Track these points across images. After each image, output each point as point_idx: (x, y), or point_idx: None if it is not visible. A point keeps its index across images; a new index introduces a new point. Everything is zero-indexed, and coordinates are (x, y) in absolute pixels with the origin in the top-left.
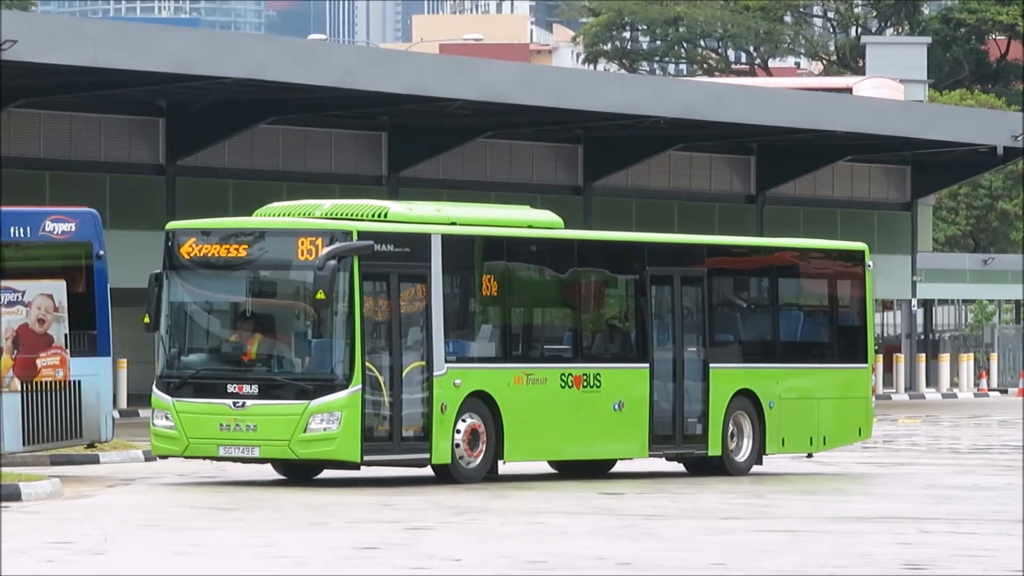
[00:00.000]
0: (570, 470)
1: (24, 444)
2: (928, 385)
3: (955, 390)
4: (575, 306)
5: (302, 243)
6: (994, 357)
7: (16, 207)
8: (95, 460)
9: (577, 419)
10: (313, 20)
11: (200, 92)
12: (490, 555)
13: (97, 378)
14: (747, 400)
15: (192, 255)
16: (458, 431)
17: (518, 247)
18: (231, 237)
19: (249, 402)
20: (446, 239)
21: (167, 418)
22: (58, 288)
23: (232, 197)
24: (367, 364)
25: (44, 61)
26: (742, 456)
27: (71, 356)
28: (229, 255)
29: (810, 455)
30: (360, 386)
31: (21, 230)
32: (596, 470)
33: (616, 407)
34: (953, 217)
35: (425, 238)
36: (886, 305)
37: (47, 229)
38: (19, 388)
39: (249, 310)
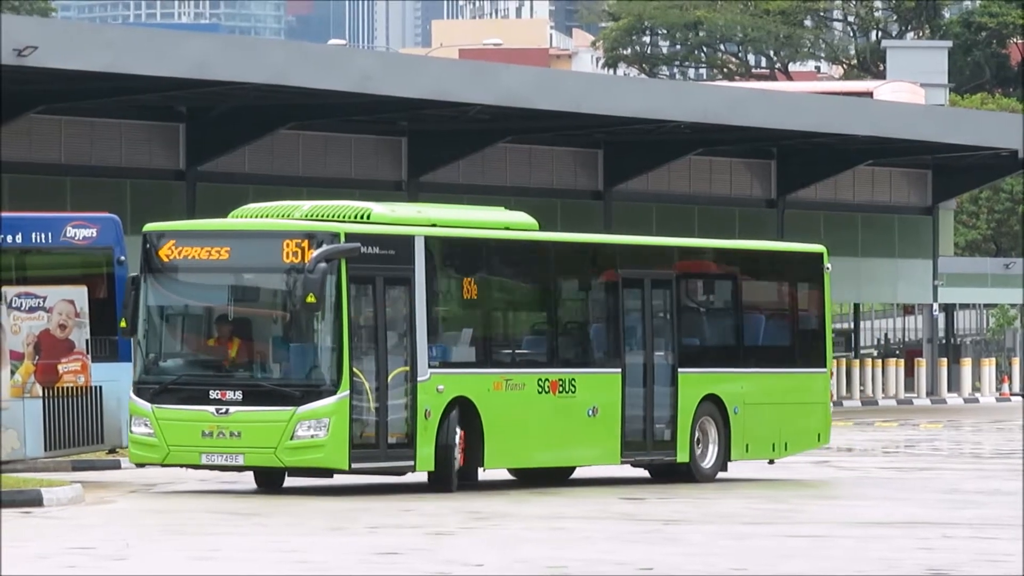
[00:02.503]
0: (528, 477)
1: (46, 449)
2: (950, 390)
3: (977, 395)
4: (551, 309)
5: (287, 245)
6: (1016, 361)
7: (37, 213)
8: (116, 466)
9: (554, 425)
10: (332, 25)
11: (220, 97)
12: (511, 560)
13: (118, 383)
14: (713, 405)
15: (171, 257)
16: (448, 437)
17: (498, 249)
18: (211, 239)
19: (232, 408)
20: (429, 241)
21: (146, 425)
22: (79, 294)
23: (252, 202)
24: (354, 369)
25: (64, 67)
26: (708, 462)
27: (92, 361)
28: (210, 257)
29: (771, 461)
30: (348, 392)
31: (42, 236)
32: (556, 477)
33: (590, 413)
34: (974, 221)
35: (408, 240)
36: (907, 309)
37: (68, 235)
38: (41, 394)
39: (231, 314)
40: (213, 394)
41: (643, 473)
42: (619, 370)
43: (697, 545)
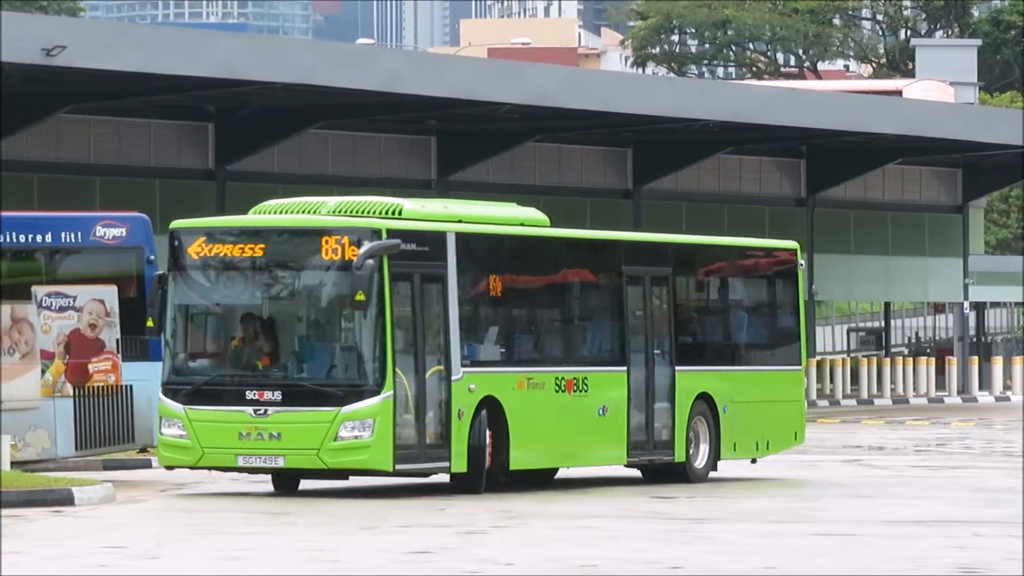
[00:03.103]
0: (514, 477)
1: (77, 449)
2: (981, 388)
3: (1008, 393)
4: (566, 306)
5: (327, 241)
6: None
7: (67, 212)
8: (147, 465)
9: (570, 425)
10: (361, 24)
11: (249, 97)
12: (541, 559)
13: (149, 383)
14: (704, 404)
15: (201, 255)
16: (479, 438)
17: (522, 246)
18: (246, 236)
19: (271, 409)
20: (459, 237)
21: (178, 427)
22: (109, 293)
23: None
24: (396, 369)
25: (94, 67)
26: (700, 462)
27: (123, 361)
28: (244, 255)
29: (754, 460)
30: (391, 392)
31: (72, 235)
32: (541, 478)
33: (600, 412)
34: (1004, 220)
35: (441, 236)
36: (938, 308)
37: (98, 234)
38: (71, 393)
39: (266, 312)
40: (250, 395)
41: (632, 473)
42: (624, 368)
43: (726, 544)
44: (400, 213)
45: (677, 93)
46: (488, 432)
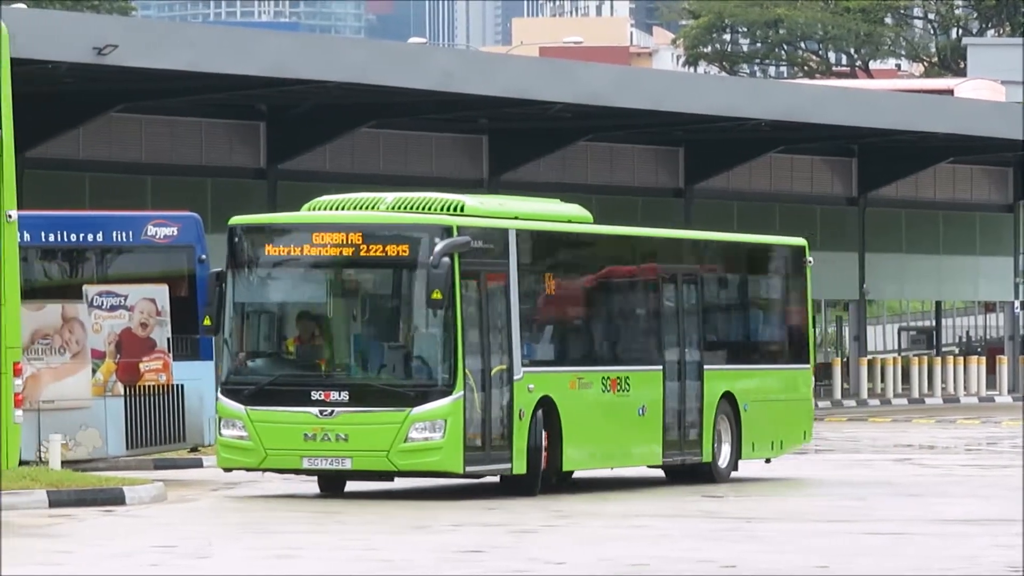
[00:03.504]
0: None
1: (128, 448)
2: None
3: None
4: (611, 304)
5: (398, 238)
6: None
7: (118, 212)
8: (198, 464)
9: (615, 426)
10: (413, 23)
11: (301, 96)
12: (593, 558)
13: (200, 382)
14: (727, 403)
15: (265, 252)
16: (536, 439)
17: (574, 243)
18: (311, 232)
19: (338, 410)
20: (519, 234)
21: (239, 428)
22: (160, 292)
23: None
24: (465, 369)
25: (145, 66)
26: (723, 461)
27: (174, 360)
28: (309, 252)
29: (768, 460)
30: (462, 392)
31: (124, 235)
32: (562, 478)
33: (640, 412)
34: None
35: (503, 233)
36: (988, 307)
37: (149, 233)
38: (122, 392)
39: (332, 310)
40: (315, 395)
41: (653, 473)
42: (660, 367)
43: (777, 543)
44: (462, 209)
45: (729, 92)
46: (544, 433)
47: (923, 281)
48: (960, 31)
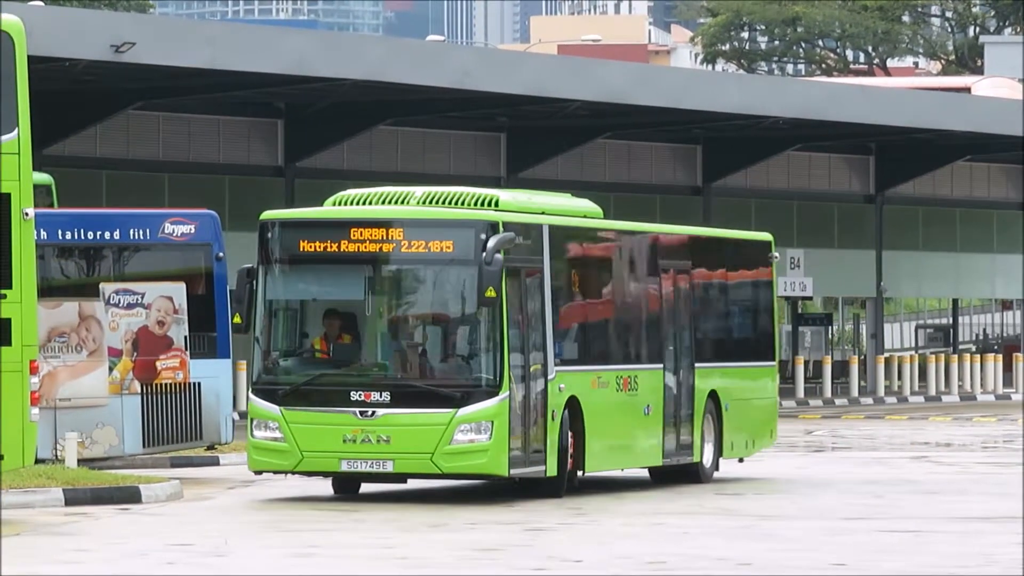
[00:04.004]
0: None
1: (144, 446)
2: None
3: None
4: (624, 301)
5: (442, 234)
6: None
7: (136, 209)
8: (215, 462)
9: (627, 425)
10: (431, 21)
11: (319, 94)
12: (611, 556)
13: (217, 380)
14: (712, 402)
15: (299, 247)
16: (564, 439)
17: (599, 239)
18: (349, 227)
19: (380, 411)
20: (552, 230)
21: (273, 429)
22: (178, 290)
23: None
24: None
25: (163, 63)
26: (708, 461)
27: (191, 358)
28: (347, 248)
29: (741, 459)
30: (508, 393)
31: (141, 232)
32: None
33: (646, 411)
34: None
35: (539, 229)
36: (1005, 305)
37: (167, 231)
38: (139, 390)
39: (372, 308)
40: (355, 395)
41: (638, 474)
42: (661, 366)
43: (795, 541)
44: (497, 204)
45: (747, 90)
46: (571, 434)
47: (940, 279)
48: (977, 29)
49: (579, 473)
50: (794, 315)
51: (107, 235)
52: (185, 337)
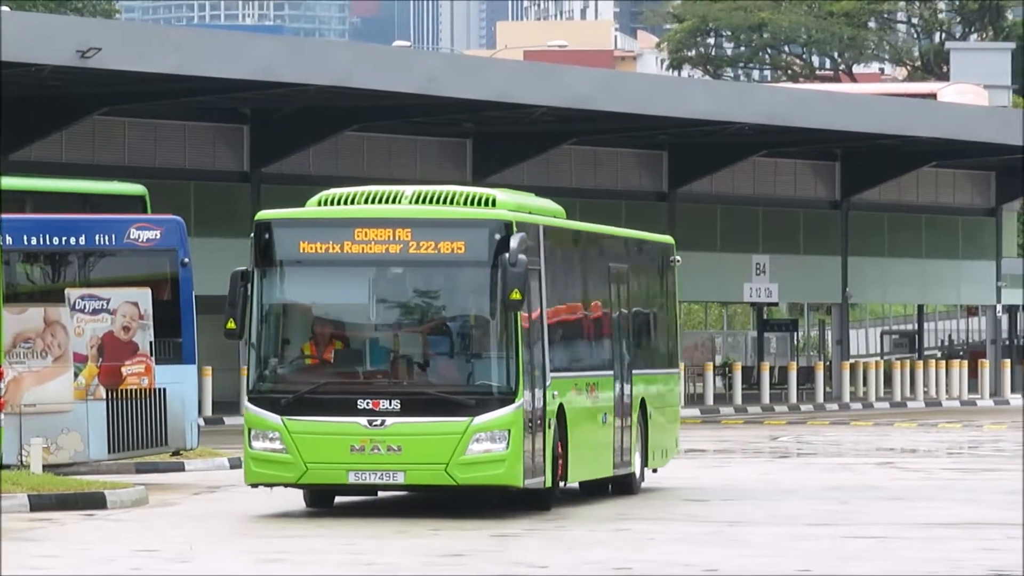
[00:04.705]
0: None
1: (109, 452)
2: (1013, 391)
3: None
4: (594, 304)
5: (453, 234)
6: None
7: (101, 215)
8: (180, 468)
9: (595, 433)
10: (397, 27)
11: (285, 99)
12: (577, 562)
13: (182, 386)
14: (640, 411)
15: (299, 249)
16: (554, 448)
17: (579, 241)
18: (351, 228)
19: (389, 420)
20: (547, 231)
21: (274, 440)
22: (143, 296)
23: None
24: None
25: (129, 69)
26: (638, 471)
27: (156, 364)
28: (350, 250)
29: (655, 469)
30: (523, 400)
31: (106, 238)
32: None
33: (603, 420)
34: None
35: (536, 229)
36: (971, 311)
37: (132, 237)
38: (104, 396)
39: (379, 312)
40: (363, 403)
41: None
42: (612, 373)
43: (761, 546)
44: (494, 203)
45: (712, 96)
46: (559, 443)
47: (905, 285)
48: (943, 35)
49: (561, 484)
50: (759, 321)
51: (73, 240)
52: (150, 343)
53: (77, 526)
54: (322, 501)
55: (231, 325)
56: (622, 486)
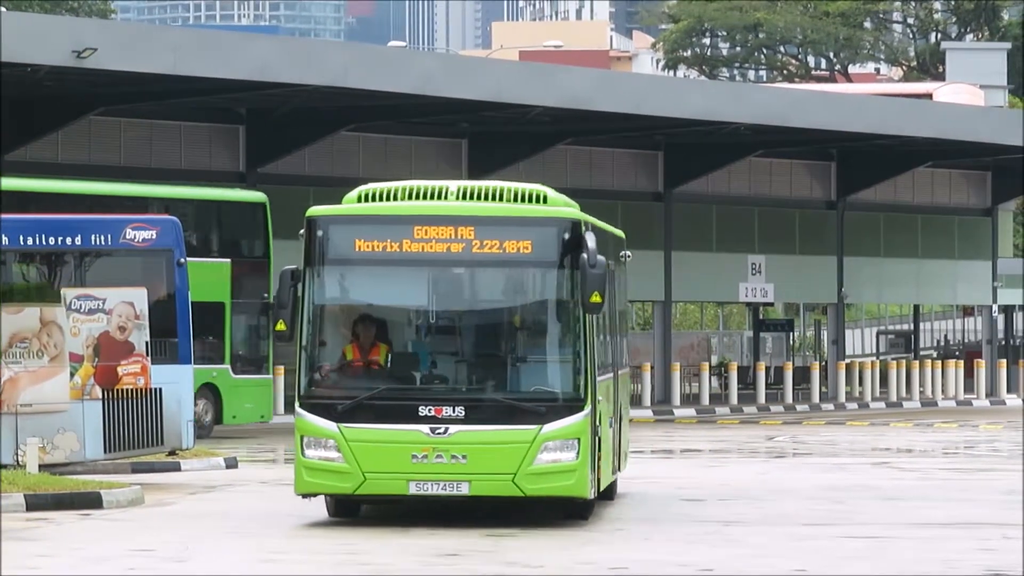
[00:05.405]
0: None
1: (105, 452)
2: (1009, 391)
3: None
4: (609, 302)
5: (520, 233)
6: None
7: (98, 215)
8: (176, 468)
9: (608, 437)
10: (393, 27)
11: (280, 99)
12: (572, 561)
13: (178, 385)
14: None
15: (355, 247)
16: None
17: (607, 239)
18: (410, 225)
19: (453, 427)
20: (593, 229)
21: (330, 448)
22: (139, 296)
23: (313, 204)
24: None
25: (124, 69)
26: (618, 475)
27: (152, 364)
28: (410, 248)
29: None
30: (591, 407)
31: (102, 238)
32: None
33: (610, 423)
34: None
35: (588, 227)
36: (966, 311)
37: (128, 237)
38: (100, 396)
39: (442, 314)
40: (424, 410)
41: None
42: (611, 375)
43: (757, 546)
44: (546, 200)
45: (708, 96)
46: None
47: (901, 285)
48: (939, 35)
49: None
50: (755, 321)
51: (69, 240)
52: (146, 343)
53: (73, 526)
54: (348, 511)
55: (281, 326)
56: (608, 490)
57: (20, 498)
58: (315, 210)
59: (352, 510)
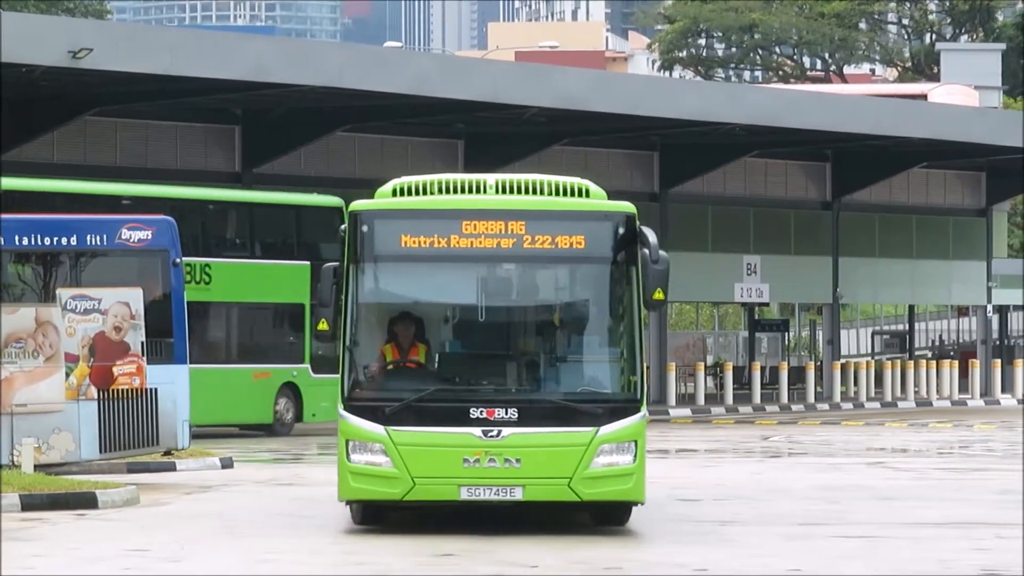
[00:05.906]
0: None
1: (101, 452)
2: (1003, 391)
3: None
4: None
5: (572, 227)
6: None
7: (93, 215)
8: (172, 468)
9: None
10: (389, 28)
11: (276, 100)
12: (567, 561)
13: (174, 386)
14: None
15: (401, 243)
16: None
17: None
18: (458, 220)
19: (506, 430)
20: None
21: (377, 452)
22: (135, 296)
23: None
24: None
25: (121, 69)
26: None
27: (148, 364)
28: (458, 244)
29: None
30: (646, 408)
31: (98, 238)
32: None
33: None
34: None
35: (635, 221)
36: (961, 311)
37: (123, 237)
38: (96, 396)
39: (493, 312)
40: (476, 412)
41: None
42: None
43: (753, 546)
44: (588, 193)
45: (704, 96)
46: None
47: (896, 285)
48: (934, 36)
49: None
50: (751, 321)
51: (64, 240)
52: (142, 343)
53: (68, 526)
54: (375, 518)
55: (323, 326)
56: None
57: (16, 498)
58: (357, 204)
59: (378, 518)
